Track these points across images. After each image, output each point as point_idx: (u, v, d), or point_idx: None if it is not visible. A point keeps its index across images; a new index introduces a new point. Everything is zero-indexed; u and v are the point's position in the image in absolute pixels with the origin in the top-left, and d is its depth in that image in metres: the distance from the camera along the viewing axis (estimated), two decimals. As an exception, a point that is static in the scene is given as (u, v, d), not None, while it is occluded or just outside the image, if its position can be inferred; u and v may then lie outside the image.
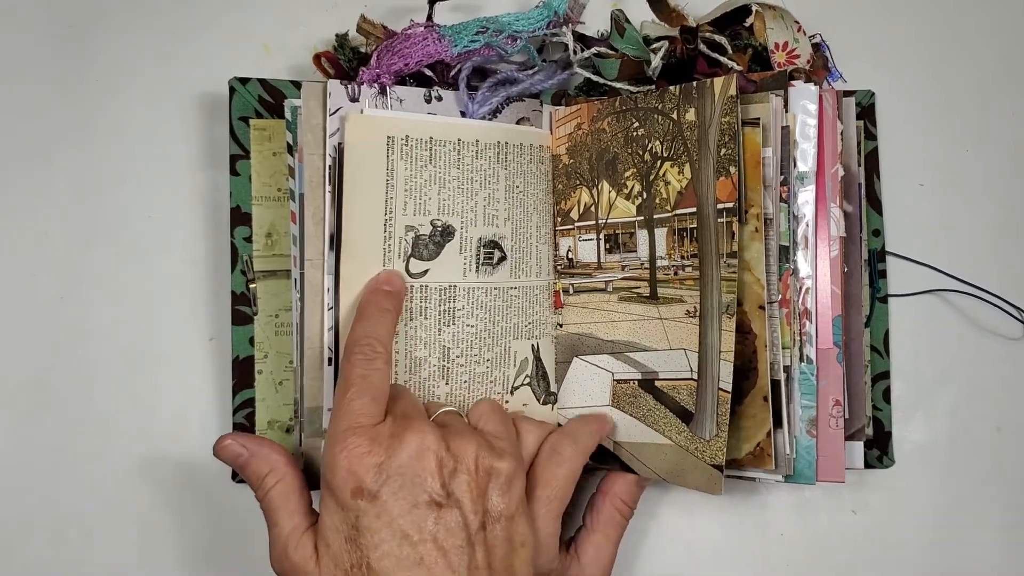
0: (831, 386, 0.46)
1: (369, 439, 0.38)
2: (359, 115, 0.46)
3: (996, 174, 0.56)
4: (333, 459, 0.38)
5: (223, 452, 0.42)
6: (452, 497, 0.38)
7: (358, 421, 0.39)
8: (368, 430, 0.39)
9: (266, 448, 0.42)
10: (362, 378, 0.40)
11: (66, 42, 0.54)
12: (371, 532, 0.37)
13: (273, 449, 0.42)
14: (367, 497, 0.37)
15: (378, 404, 0.40)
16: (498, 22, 0.48)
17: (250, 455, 0.42)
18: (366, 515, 0.37)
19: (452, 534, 0.37)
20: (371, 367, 0.41)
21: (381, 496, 0.37)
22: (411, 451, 0.38)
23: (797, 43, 0.49)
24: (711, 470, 0.44)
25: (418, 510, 0.37)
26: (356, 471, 0.38)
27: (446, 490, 0.38)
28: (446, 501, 0.38)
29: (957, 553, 0.53)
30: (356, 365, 0.41)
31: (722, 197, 0.45)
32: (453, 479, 0.39)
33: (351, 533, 0.37)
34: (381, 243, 0.46)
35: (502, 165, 0.49)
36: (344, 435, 0.38)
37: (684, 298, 0.47)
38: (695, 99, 0.46)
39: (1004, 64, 0.57)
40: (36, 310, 0.52)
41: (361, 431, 0.39)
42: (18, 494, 0.51)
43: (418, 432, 0.39)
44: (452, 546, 0.37)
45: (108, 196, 0.53)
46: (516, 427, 0.46)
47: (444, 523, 0.37)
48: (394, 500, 0.37)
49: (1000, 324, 0.54)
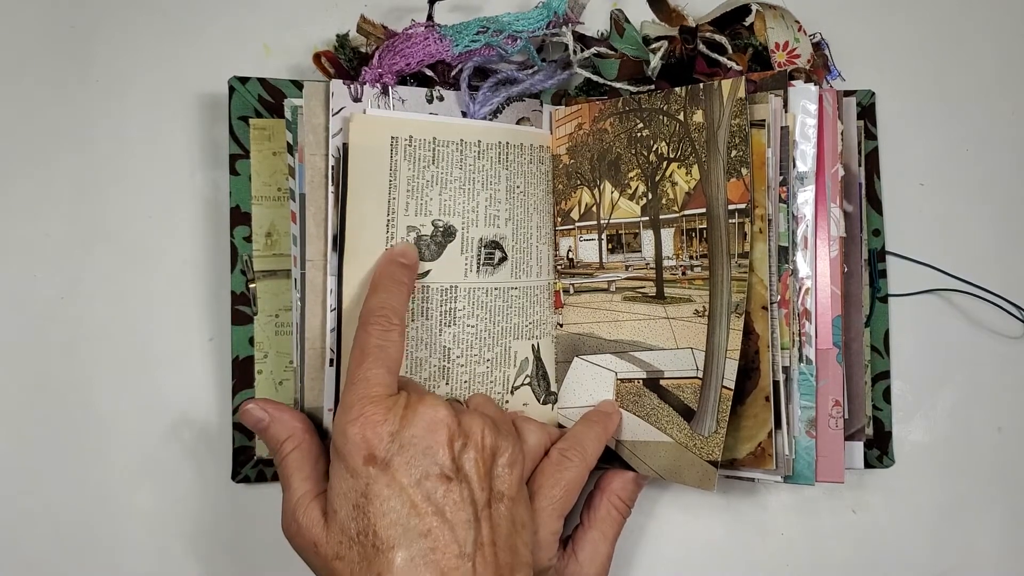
0: (830, 386, 0.46)
1: (384, 408, 0.39)
2: (363, 115, 0.46)
3: (996, 174, 0.56)
4: (346, 425, 0.38)
5: (245, 416, 0.43)
6: (461, 472, 0.39)
7: (374, 390, 0.39)
8: (383, 399, 0.39)
9: (287, 414, 0.43)
10: (378, 348, 0.41)
11: (66, 42, 0.54)
12: (380, 500, 0.37)
13: (293, 416, 0.43)
14: (379, 465, 0.37)
15: (392, 376, 0.40)
16: (498, 22, 0.48)
17: (271, 420, 0.43)
18: (376, 483, 0.37)
19: (460, 508, 0.38)
20: (387, 338, 0.41)
21: (392, 465, 0.37)
22: (425, 422, 0.39)
23: (798, 43, 0.49)
24: (706, 466, 0.44)
25: (428, 481, 0.38)
26: (369, 438, 0.38)
27: (456, 464, 0.38)
28: (455, 475, 0.38)
29: (957, 553, 0.53)
30: (372, 335, 0.41)
31: (733, 198, 0.45)
32: (463, 454, 0.39)
33: (360, 500, 0.37)
34: (383, 244, 0.46)
35: (503, 165, 0.49)
36: (360, 403, 0.39)
37: (693, 298, 0.47)
38: (702, 101, 0.46)
39: (1004, 64, 0.57)
40: (36, 310, 0.52)
41: (377, 400, 0.39)
42: (18, 494, 0.51)
43: (431, 405, 0.39)
44: (459, 520, 0.37)
45: (108, 196, 0.53)
46: (517, 426, 0.46)
47: (452, 496, 0.38)
48: (405, 469, 0.37)
49: (1000, 324, 0.54)
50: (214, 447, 0.51)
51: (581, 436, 0.46)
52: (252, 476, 0.50)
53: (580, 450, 0.45)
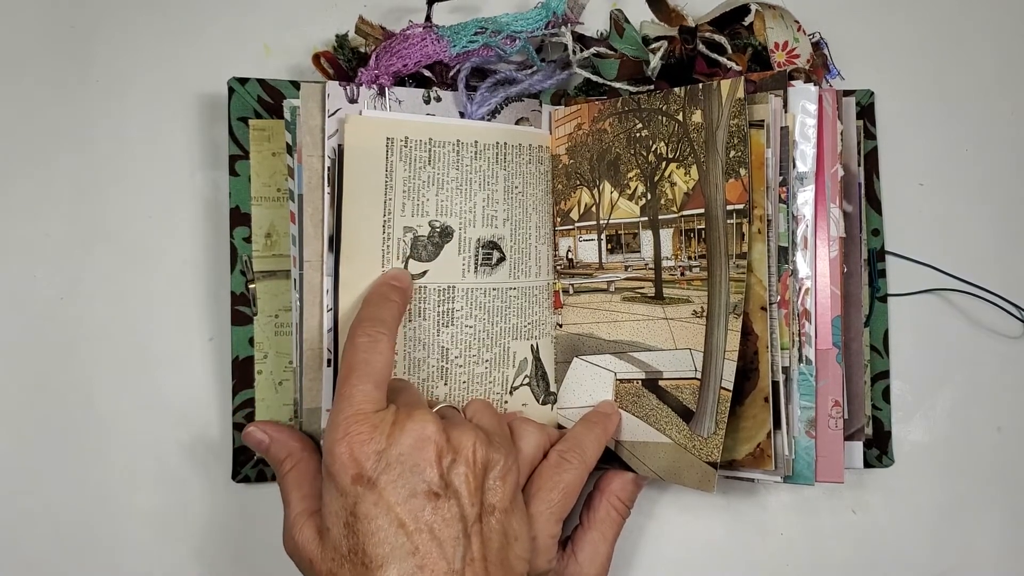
0: (830, 387, 0.46)
1: (371, 426, 0.38)
2: (358, 117, 0.46)
3: (996, 174, 0.56)
4: (334, 445, 0.38)
5: (247, 438, 0.46)
6: (450, 488, 0.38)
7: (360, 408, 0.39)
8: (370, 417, 0.39)
9: (285, 435, 0.45)
10: (364, 363, 0.40)
11: (66, 42, 0.54)
12: (368, 519, 0.37)
13: (292, 436, 0.45)
14: (366, 484, 0.37)
15: (380, 390, 0.40)
16: (497, 22, 0.48)
17: (270, 441, 0.45)
18: (364, 501, 0.37)
19: (448, 525, 0.37)
20: (374, 351, 0.41)
21: (379, 483, 0.37)
22: (412, 440, 0.38)
23: (797, 42, 0.49)
24: (705, 467, 0.44)
25: (415, 499, 0.37)
26: (357, 457, 0.38)
27: (444, 480, 0.38)
28: (444, 492, 0.38)
29: (957, 553, 0.53)
30: (359, 349, 0.41)
31: (732, 199, 0.45)
32: (452, 470, 0.39)
33: (349, 519, 0.37)
34: (380, 244, 0.46)
35: (501, 166, 0.49)
36: (346, 422, 0.38)
37: (691, 298, 0.47)
38: (701, 101, 0.46)
39: (1004, 64, 0.56)
40: (36, 310, 0.52)
41: (363, 418, 0.39)
42: (18, 494, 0.51)
43: (419, 421, 0.39)
44: (448, 537, 0.37)
45: (108, 196, 0.53)
46: (515, 428, 0.46)
47: (441, 514, 0.38)
48: (392, 488, 0.37)
49: (1000, 323, 0.54)
50: (214, 447, 0.51)
51: (580, 438, 0.46)
52: (252, 476, 0.50)
53: (579, 452, 0.45)
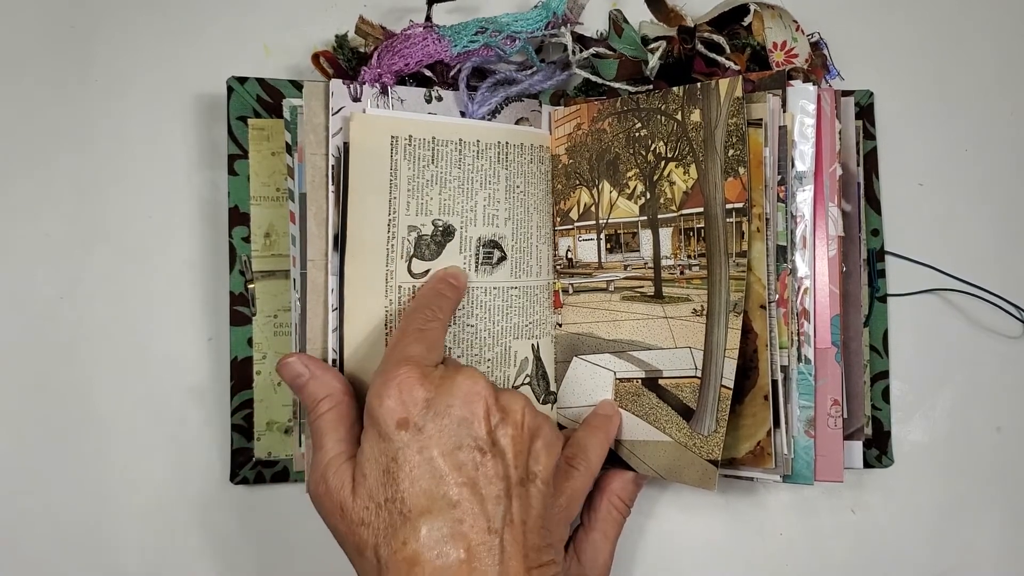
0: (829, 386, 0.46)
1: (421, 374, 0.38)
2: (363, 115, 0.46)
3: (996, 174, 0.56)
4: (382, 387, 0.37)
5: (285, 369, 0.42)
6: (496, 447, 0.38)
7: (412, 357, 0.39)
8: (421, 366, 0.39)
9: (329, 374, 0.42)
10: (419, 331, 0.40)
11: (66, 42, 0.54)
12: (410, 466, 0.36)
13: (335, 376, 0.42)
14: (412, 430, 0.37)
15: (432, 353, 0.40)
16: (497, 22, 0.48)
17: (310, 376, 0.41)
18: (408, 448, 0.36)
19: (491, 482, 0.37)
20: (429, 324, 0.41)
21: (426, 431, 0.37)
22: (463, 392, 0.38)
23: (796, 42, 0.49)
24: (706, 465, 0.44)
25: (461, 452, 0.37)
26: (405, 402, 0.37)
27: (491, 438, 0.38)
28: (490, 449, 0.37)
29: (956, 553, 0.53)
30: (414, 321, 0.41)
31: (731, 197, 0.45)
32: (499, 429, 0.38)
33: (390, 465, 0.36)
34: (384, 243, 0.46)
35: (502, 165, 0.49)
36: (396, 366, 0.38)
37: (691, 297, 0.47)
38: (699, 100, 0.46)
39: (1003, 64, 0.57)
40: (36, 310, 0.52)
41: (414, 365, 0.38)
42: (18, 494, 0.51)
43: (470, 377, 0.38)
44: (490, 494, 0.36)
45: (108, 196, 0.53)
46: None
47: (485, 470, 0.37)
48: (439, 437, 0.37)
49: (1000, 324, 0.54)
50: (213, 448, 0.51)
51: (585, 443, 0.46)
52: (251, 478, 0.50)
53: (584, 458, 0.45)
